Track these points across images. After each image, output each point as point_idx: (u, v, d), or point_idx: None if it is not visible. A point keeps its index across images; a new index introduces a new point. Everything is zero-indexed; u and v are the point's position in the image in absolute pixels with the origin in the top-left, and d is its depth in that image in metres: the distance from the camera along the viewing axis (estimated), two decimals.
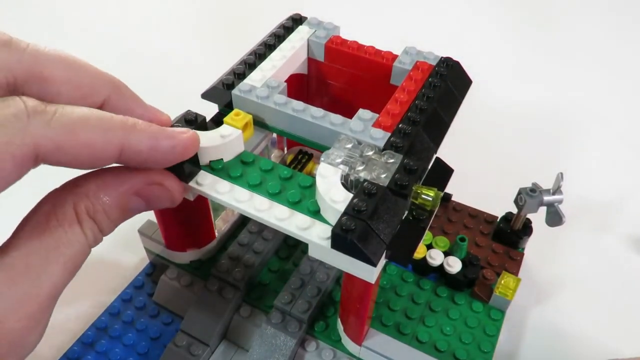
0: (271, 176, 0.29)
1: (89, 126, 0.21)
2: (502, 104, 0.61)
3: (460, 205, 0.44)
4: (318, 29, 0.38)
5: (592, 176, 0.53)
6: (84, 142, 0.21)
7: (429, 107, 0.31)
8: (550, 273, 0.45)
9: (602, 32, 0.73)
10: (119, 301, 0.39)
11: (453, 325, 0.36)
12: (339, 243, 0.25)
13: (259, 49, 0.35)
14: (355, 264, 0.25)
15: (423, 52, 0.36)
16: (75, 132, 0.21)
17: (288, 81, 0.35)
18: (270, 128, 0.33)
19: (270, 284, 0.38)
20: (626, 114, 0.61)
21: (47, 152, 0.20)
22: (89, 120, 0.21)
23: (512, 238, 0.41)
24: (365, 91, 0.38)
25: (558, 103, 0.62)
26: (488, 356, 0.35)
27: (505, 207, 0.42)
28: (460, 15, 0.76)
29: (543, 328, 0.41)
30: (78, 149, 0.21)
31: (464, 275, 0.37)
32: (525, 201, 0.38)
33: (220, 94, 0.33)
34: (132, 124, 0.23)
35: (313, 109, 0.31)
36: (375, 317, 0.36)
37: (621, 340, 0.40)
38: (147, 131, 0.23)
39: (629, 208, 0.50)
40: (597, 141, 0.57)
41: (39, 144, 0.20)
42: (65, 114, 0.21)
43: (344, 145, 0.29)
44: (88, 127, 0.21)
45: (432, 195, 0.26)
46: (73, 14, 0.73)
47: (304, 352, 0.35)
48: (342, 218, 0.25)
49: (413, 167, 0.27)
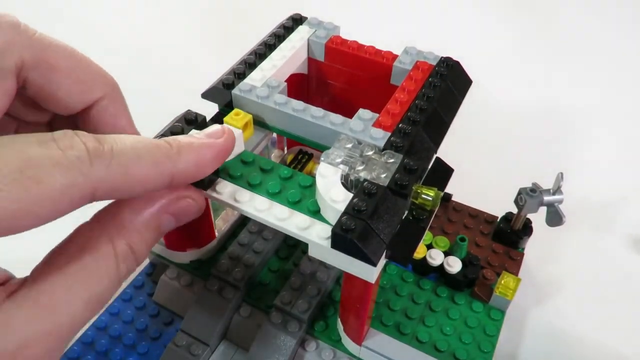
0: (271, 176, 0.29)
1: (143, 162, 0.21)
2: (502, 104, 0.61)
3: (460, 205, 0.44)
4: (318, 29, 0.38)
5: (592, 176, 0.53)
6: (138, 180, 0.21)
7: (429, 107, 0.31)
8: (550, 273, 0.45)
9: (603, 32, 0.73)
10: (119, 301, 0.39)
11: (453, 325, 0.36)
12: (339, 243, 0.25)
13: (259, 48, 0.35)
14: (355, 264, 0.25)
15: (423, 52, 0.36)
16: (131, 172, 0.20)
17: (288, 81, 0.35)
18: (271, 128, 0.33)
19: (270, 284, 0.38)
20: (626, 114, 0.61)
21: (103, 193, 0.20)
22: (142, 157, 0.21)
23: (512, 238, 0.41)
24: (366, 91, 0.38)
25: (558, 103, 0.62)
26: (488, 356, 0.35)
27: (505, 207, 0.42)
28: (461, 15, 0.76)
29: (543, 328, 0.41)
30: (132, 186, 0.21)
31: (464, 275, 0.37)
32: (526, 201, 0.38)
33: (220, 94, 0.33)
34: (177, 151, 0.22)
35: (313, 108, 0.31)
36: (375, 317, 0.36)
37: (621, 340, 0.40)
38: (193, 150, 0.23)
39: (629, 208, 0.50)
40: (597, 141, 0.57)
41: (98, 187, 0.19)
42: (122, 153, 0.20)
43: (344, 145, 0.29)
44: (142, 163, 0.21)
45: (432, 195, 0.26)
46: (73, 13, 0.73)
47: (304, 351, 0.35)
48: (342, 218, 0.25)
49: (413, 166, 0.27)
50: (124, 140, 0.21)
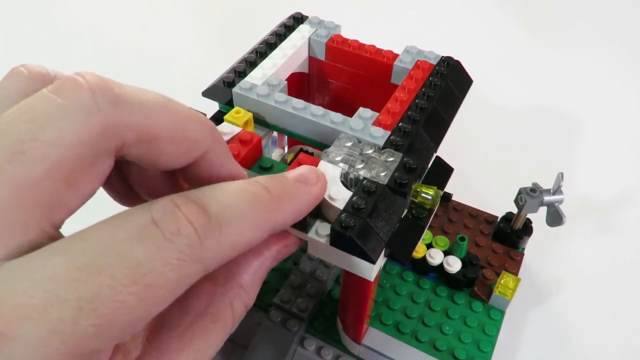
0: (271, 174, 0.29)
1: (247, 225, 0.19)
2: (502, 103, 0.61)
3: (460, 204, 0.44)
4: (319, 28, 0.38)
5: (592, 176, 0.53)
6: (244, 245, 0.19)
7: (429, 106, 0.31)
8: (550, 273, 0.45)
9: (603, 31, 0.73)
10: None
11: (452, 324, 0.36)
12: (338, 240, 0.25)
13: (260, 47, 0.36)
14: (355, 262, 0.25)
15: (424, 52, 0.36)
16: (239, 241, 0.19)
17: (289, 79, 0.35)
18: (271, 126, 0.33)
19: (270, 282, 0.38)
20: (627, 114, 0.61)
21: (212, 268, 0.18)
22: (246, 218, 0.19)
23: (512, 238, 0.41)
24: (366, 90, 0.38)
25: (559, 103, 0.62)
26: (487, 356, 0.35)
27: (505, 207, 0.42)
28: (461, 14, 0.76)
29: (543, 328, 0.41)
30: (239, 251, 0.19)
31: (464, 274, 0.37)
32: (526, 201, 0.38)
33: (220, 92, 0.33)
34: (277, 200, 0.20)
35: (313, 107, 0.31)
36: (375, 315, 0.36)
37: (621, 340, 0.40)
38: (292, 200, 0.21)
39: (629, 208, 0.50)
40: (598, 141, 0.57)
41: (208, 266, 0.18)
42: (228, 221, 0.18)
43: (343, 143, 0.29)
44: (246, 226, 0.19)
45: (431, 194, 0.26)
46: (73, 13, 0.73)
47: (304, 350, 0.35)
48: (341, 215, 0.25)
49: (413, 165, 0.27)
50: (226, 201, 0.19)
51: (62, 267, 0.15)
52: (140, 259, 0.16)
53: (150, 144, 0.19)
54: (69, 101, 0.17)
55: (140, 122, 0.18)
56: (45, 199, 0.16)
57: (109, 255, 0.16)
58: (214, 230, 0.18)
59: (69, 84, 0.17)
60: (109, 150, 0.18)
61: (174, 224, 0.17)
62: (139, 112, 0.18)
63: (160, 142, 0.19)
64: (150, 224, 0.17)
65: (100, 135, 0.17)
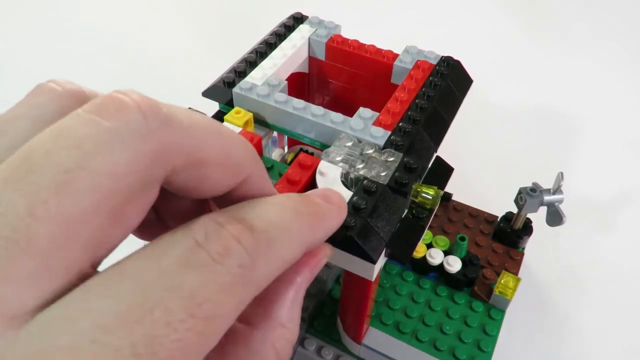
0: (271, 174, 0.29)
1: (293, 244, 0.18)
2: (502, 103, 0.61)
3: (460, 204, 0.44)
4: (319, 28, 0.38)
5: (592, 176, 0.53)
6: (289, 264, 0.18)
7: (429, 106, 0.31)
8: (550, 273, 0.45)
9: (603, 32, 0.73)
10: None
11: (453, 324, 0.36)
12: (338, 240, 0.25)
13: (260, 47, 0.36)
14: (355, 262, 0.25)
15: (424, 51, 0.36)
16: (286, 260, 0.18)
17: (289, 79, 0.35)
18: (271, 126, 0.33)
19: None
20: (626, 114, 0.61)
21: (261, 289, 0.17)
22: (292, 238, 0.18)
23: (512, 238, 0.41)
24: (366, 90, 0.38)
25: (559, 102, 0.62)
26: (487, 355, 0.35)
27: (505, 207, 0.42)
28: (461, 14, 0.76)
29: (543, 328, 0.41)
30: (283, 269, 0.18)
31: (464, 274, 0.37)
32: (526, 201, 0.38)
33: (221, 92, 0.33)
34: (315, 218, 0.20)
35: (314, 107, 0.31)
36: (375, 315, 0.36)
37: (621, 340, 0.40)
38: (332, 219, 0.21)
39: (629, 208, 0.50)
40: (598, 141, 0.57)
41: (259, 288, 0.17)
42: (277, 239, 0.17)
43: (344, 143, 0.29)
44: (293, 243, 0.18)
45: (432, 194, 0.26)
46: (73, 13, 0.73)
47: (304, 350, 0.35)
48: None
49: (413, 165, 0.27)
50: (270, 216, 0.18)
51: (108, 309, 0.13)
52: (194, 288, 0.14)
53: (199, 170, 0.17)
54: (119, 124, 0.15)
55: (191, 145, 0.16)
56: (91, 236, 0.14)
57: (159, 288, 0.14)
58: (263, 247, 0.16)
59: (114, 104, 0.15)
60: (159, 178, 0.16)
61: (221, 244, 0.15)
62: (190, 134, 0.16)
63: (209, 167, 0.17)
64: (195, 247, 0.15)
65: (153, 161, 0.15)
